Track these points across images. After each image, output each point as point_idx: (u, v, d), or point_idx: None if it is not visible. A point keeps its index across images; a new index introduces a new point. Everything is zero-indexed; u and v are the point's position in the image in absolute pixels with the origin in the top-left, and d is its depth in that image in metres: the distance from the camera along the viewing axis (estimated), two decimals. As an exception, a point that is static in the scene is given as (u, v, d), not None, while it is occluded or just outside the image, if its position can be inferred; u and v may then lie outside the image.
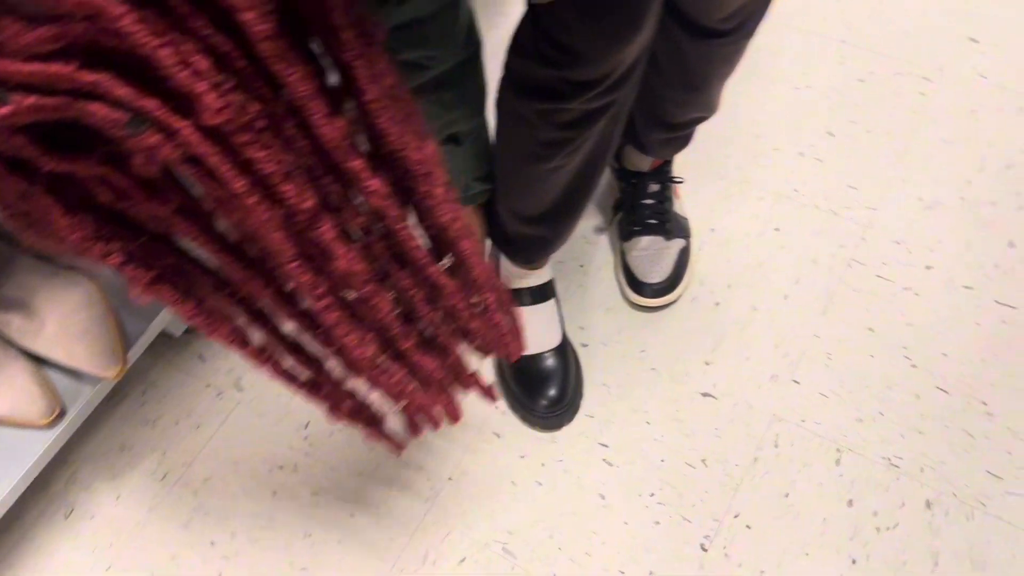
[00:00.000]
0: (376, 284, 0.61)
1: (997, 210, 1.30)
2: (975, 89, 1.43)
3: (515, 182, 1.02)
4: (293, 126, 0.48)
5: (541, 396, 1.19)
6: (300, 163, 0.50)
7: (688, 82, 1.07)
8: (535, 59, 0.85)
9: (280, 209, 0.50)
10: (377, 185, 0.54)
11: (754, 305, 1.27)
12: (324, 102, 0.46)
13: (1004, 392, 1.16)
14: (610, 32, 0.79)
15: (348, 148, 0.50)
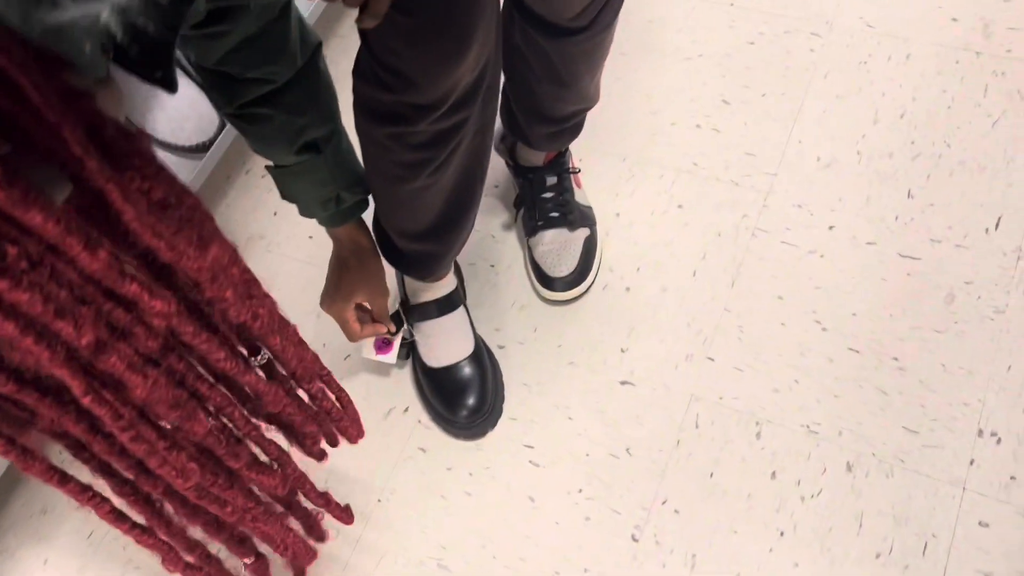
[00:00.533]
0: (187, 407, 0.59)
1: (893, 161, 1.31)
2: (863, 40, 1.43)
3: (389, 202, 1.00)
4: (60, 262, 0.46)
5: (460, 406, 1.18)
6: (76, 295, 0.48)
7: (557, 78, 1.05)
8: (374, 84, 0.83)
9: (60, 347, 0.48)
10: (160, 306, 0.52)
11: (664, 286, 1.27)
12: (79, 236, 0.44)
13: (913, 345, 1.17)
14: (438, 57, 0.78)
15: (118, 276, 0.48)
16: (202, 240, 0.55)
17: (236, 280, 0.60)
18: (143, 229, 0.48)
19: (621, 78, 1.46)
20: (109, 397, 0.54)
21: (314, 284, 1.36)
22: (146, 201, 0.48)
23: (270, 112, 0.85)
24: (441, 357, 1.19)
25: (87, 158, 0.42)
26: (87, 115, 0.43)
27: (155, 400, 0.56)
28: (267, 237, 1.42)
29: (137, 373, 0.53)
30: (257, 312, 0.63)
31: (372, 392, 1.26)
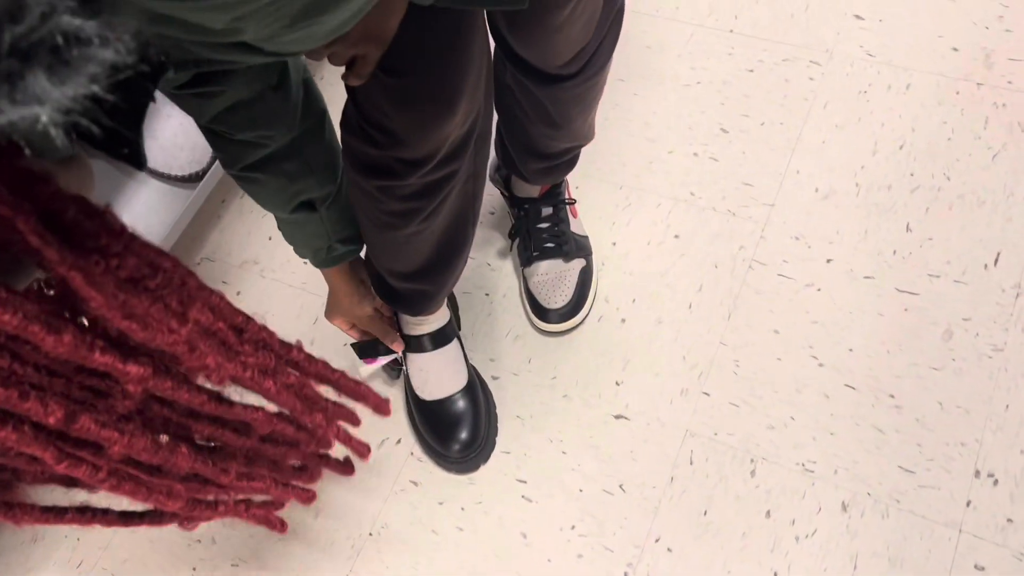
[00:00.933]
0: (168, 449, 0.58)
1: (892, 194, 1.30)
2: (863, 69, 1.42)
3: (379, 246, 0.99)
4: (22, 344, 0.45)
5: (453, 440, 1.17)
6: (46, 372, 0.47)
7: (549, 120, 1.04)
8: (361, 139, 0.82)
9: (27, 427, 0.47)
10: (135, 371, 0.51)
11: (659, 318, 1.26)
12: (40, 323, 0.43)
13: (910, 382, 1.16)
14: (426, 118, 0.77)
15: (87, 351, 0.47)
16: (182, 304, 0.54)
17: (223, 334, 0.59)
18: (112, 314, 0.47)
19: (619, 104, 1.45)
20: (85, 455, 0.54)
21: (308, 310, 1.36)
22: (115, 280, 0.48)
23: (265, 177, 0.84)
24: (434, 390, 1.18)
25: (45, 249, 0.42)
26: (44, 201, 0.42)
27: (134, 451, 0.55)
28: (261, 262, 1.41)
29: (112, 430, 0.52)
30: (247, 363, 0.62)
31: (365, 422, 1.24)
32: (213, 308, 0.60)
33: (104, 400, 0.52)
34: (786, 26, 1.49)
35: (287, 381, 0.71)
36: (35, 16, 0.31)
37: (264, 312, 1.36)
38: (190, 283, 0.58)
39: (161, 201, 1.27)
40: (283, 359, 0.69)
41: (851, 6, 1.49)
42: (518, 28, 0.89)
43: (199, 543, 1.20)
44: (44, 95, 0.32)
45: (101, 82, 0.33)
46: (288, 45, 0.49)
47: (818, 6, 1.50)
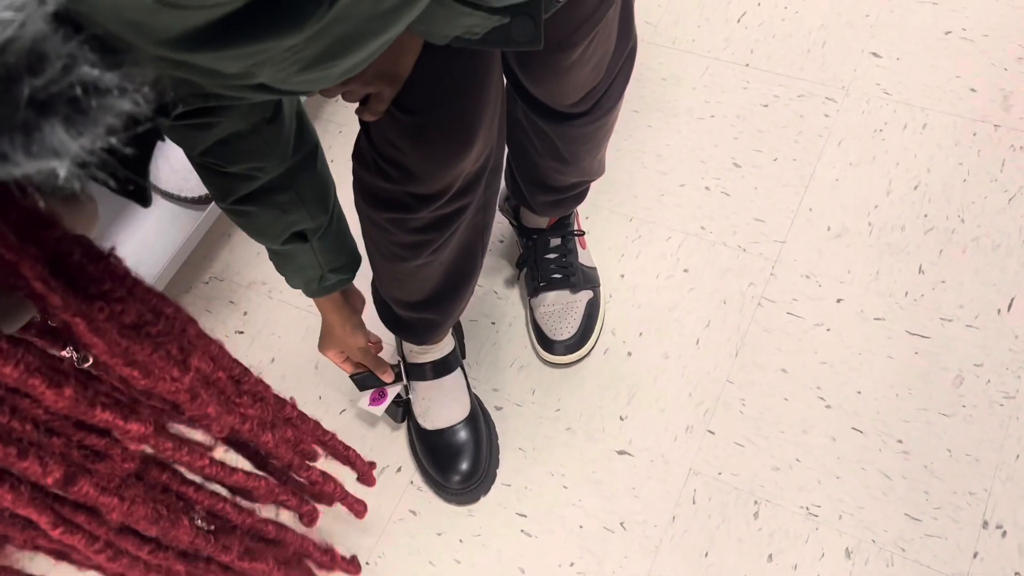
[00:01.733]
0: (169, 520, 0.57)
1: (905, 235, 1.28)
2: (879, 107, 1.41)
3: (386, 275, 0.99)
4: (21, 398, 0.44)
5: (453, 471, 1.16)
6: (42, 427, 0.46)
7: (558, 155, 1.04)
8: (374, 172, 0.82)
9: (24, 487, 0.47)
10: (136, 429, 0.50)
11: (666, 352, 1.24)
12: (41, 376, 0.43)
13: (919, 428, 1.14)
14: (441, 155, 0.77)
15: (87, 407, 0.47)
16: (182, 351, 0.54)
17: (223, 384, 0.58)
18: (114, 360, 0.47)
19: (631, 136, 1.44)
20: (82, 521, 0.53)
21: (314, 332, 1.35)
22: (117, 326, 0.47)
23: (256, 210, 0.83)
24: (436, 420, 1.18)
25: (49, 295, 0.41)
26: (50, 245, 0.42)
27: (134, 519, 0.54)
28: (269, 283, 1.41)
29: (112, 496, 0.51)
30: (246, 415, 0.62)
31: (366, 449, 1.24)
32: (213, 357, 0.59)
33: (103, 462, 0.51)
34: (802, 62, 1.48)
35: (285, 435, 0.70)
36: (56, 68, 0.30)
37: (271, 334, 1.36)
38: (190, 330, 0.57)
39: (172, 221, 1.27)
40: (279, 414, 0.68)
41: (868, 44, 1.48)
42: (529, 66, 0.89)
43: (195, 565, 1.19)
44: (61, 147, 0.31)
45: (118, 133, 0.33)
46: (301, 85, 0.49)
47: (835, 43, 1.49)
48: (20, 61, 0.29)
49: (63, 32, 0.30)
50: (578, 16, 0.79)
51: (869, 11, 1.52)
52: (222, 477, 0.61)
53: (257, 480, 0.67)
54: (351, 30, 0.44)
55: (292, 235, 0.88)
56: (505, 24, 0.62)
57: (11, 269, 0.40)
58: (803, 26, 1.52)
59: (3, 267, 0.39)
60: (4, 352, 0.41)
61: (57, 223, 0.42)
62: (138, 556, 0.58)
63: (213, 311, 1.39)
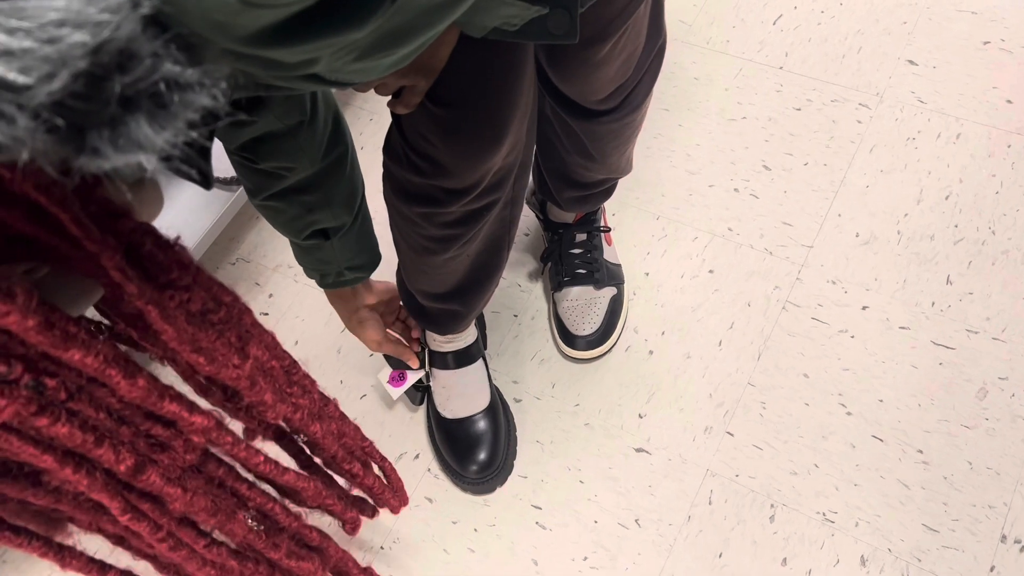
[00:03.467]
0: (225, 513, 0.58)
1: (935, 244, 1.27)
2: (913, 115, 1.40)
3: (413, 268, 0.99)
4: (98, 388, 0.45)
5: (471, 461, 1.16)
6: (114, 417, 0.48)
7: (586, 152, 1.04)
8: (405, 166, 0.82)
9: (99, 473, 0.48)
10: (200, 422, 0.51)
11: (688, 353, 1.24)
12: (118, 366, 0.44)
13: (940, 439, 1.13)
14: (473, 150, 0.77)
15: (157, 398, 0.48)
16: (241, 340, 0.55)
17: (277, 374, 0.59)
18: (183, 346, 0.48)
19: (661, 134, 1.44)
20: (147, 509, 0.54)
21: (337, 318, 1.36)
22: (185, 314, 0.48)
23: (283, 206, 0.84)
24: (456, 409, 1.18)
25: (126, 284, 0.42)
26: (125, 235, 0.43)
27: (194, 510, 0.56)
28: (295, 267, 1.42)
29: (176, 487, 0.53)
30: (297, 404, 0.63)
31: (385, 435, 1.25)
32: (268, 346, 0.61)
33: (167, 453, 0.52)
34: (837, 67, 1.47)
35: (331, 428, 0.71)
36: (144, 66, 0.31)
37: (294, 317, 1.37)
38: (247, 319, 0.58)
39: (203, 202, 1.28)
40: (324, 409, 0.69)
41: (905, 51, 1.47)
42: (557, 62, 0.89)
43: (212, 542, 1.20)
44: (145, 141, 0.32)
45: (199, 127, 0.33)
46: (351, 76, 0.50)
47: (871, 49, 1.48)
48: (112, 60, 0.30)
49: (151, 31, 0.31)
50: (610, 11, 0.80)
51: (907, 18, 1.51)
52: (275, 475, 0.63)
53: (307, 481, 0.68)
54: (406, 22, 0.45)
55: (314, 232, 0.89)
56: (542, 16, 0.62)
57: (91, 259, 0.41)
58: (839, 31, 1.51)
59: (84, 257, 0.40)
60: (86, 343, 0.42)
61: (130, 213, 0.43)
62: (195, 549, 0.60)
63: (238, 292, 1.41)
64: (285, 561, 0.68)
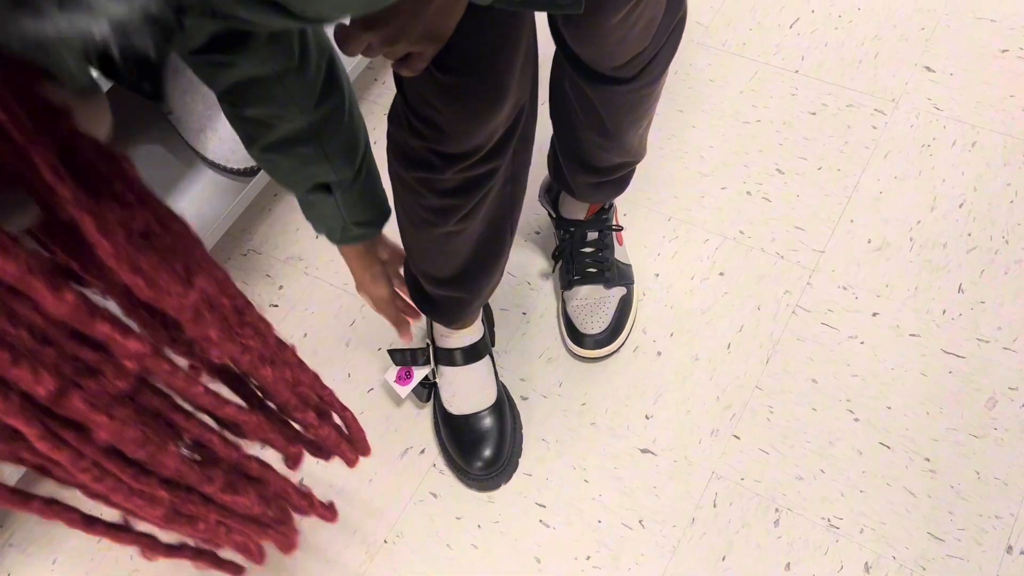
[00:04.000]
0: (156, 444, 0.55)
1: (947, 252, 1.27)
2: (929, 122, 1.39)
3: (416, 246, 0.99)
4: (19, 301, 0.43)
5: (476, 457, 1.16)
6: (37, 335, 0.44)
7: (601, 127, 1.04)
8: (406, 129, 0.83)
9: (14, 395, 0.45)
10: (134, 347, 0.48)
11: (696, 355, 1.24)
12: (43, 278, 0.41)
13: (947, 447, 1.13)
14: (472, 113, 0.78)
15: (87, 316, 0.44)
16: (188, 271, 0.51)
17: (226, 311, 0.56)
18: (120, 265, 0.44)
19: (675, 135, 1.44)
20: (69, 438, 0.51)
21: (347, 311, 1.37)
22: (125, 231, 0.45)
23: (279, 158, 0.83)
24: (462, 405, 1.18)
25: (59, 185, 0.39)
26: (62, 136, 0.40)
27: (122, 441, 0.52)
28: (306, 259, 1.43)
29: (102, 414, 0.49)
30: (247, 345, 0.59)
31: (391, 429, 1.25)
32: (219, 281, 0.57)
33: (95, 379, 0.49)
34: (853, 72, 1.46)
35: (284, 374, 0.68)
36: None
37: (304, 309, 1.38)
38: (197, 252, 0.54)
39: (216, 192, 1.29)
40: (279, 354, 0.66)
41: (922, 57, 1.46)
42: (574, 26, 0.89)
43: (217, 531, 1.21)
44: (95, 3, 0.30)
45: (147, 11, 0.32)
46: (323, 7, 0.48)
47: (888, 55, 1.48)
48: None
49: None
50: None
51: (925, 24, 1.50)
52: (214, 407, 0.59)
53: (248, 415, 0.64)
54: None
55: (315, 186, 0.87)
56: None
57: (22, 155, 0.38)
58: (856, 36, 1.51)
59: (12, 153, 0.37)
60: (5, 247, 0.38)
61: (70, 114, 0.40)
62: (122, 479, 0.57)
63: (249, 283, 1.41)
64: (219, 495, 0.65)
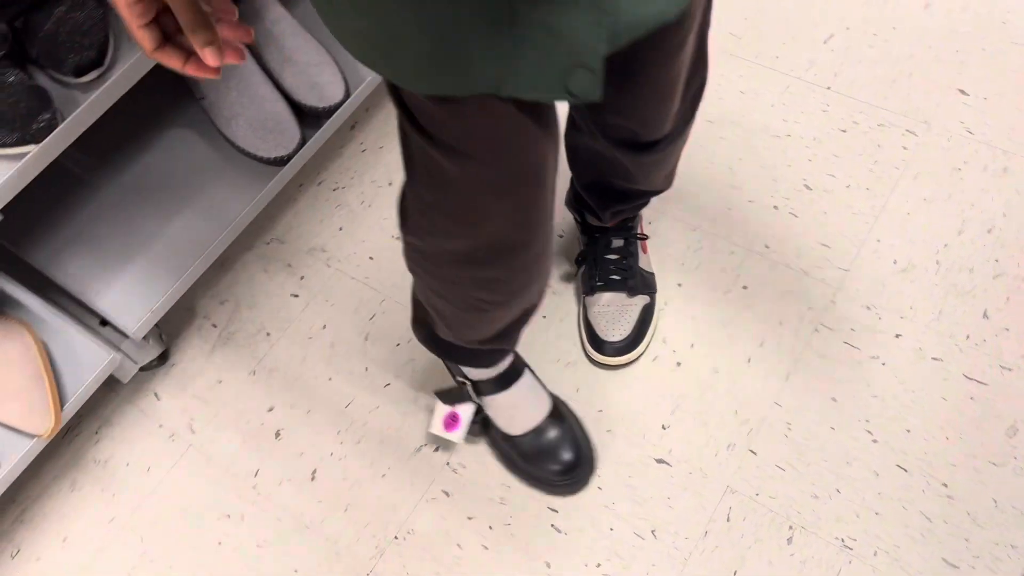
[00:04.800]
0: None
1: (973, 277, 1.26)
2: (960, 145, 1.38)
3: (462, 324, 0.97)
4: None
5: (556, 463, 1.15)
6: None
7: (629, 177, 1.04)
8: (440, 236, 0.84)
9: None
10: None
11: (716, 367, 1.24)
12: None
13: (965, 473, 1.12)
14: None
15: None
16: None
17: None
18: None
19: (705, 147, 1.43)
20: None
21: (367, 305, 1.37)
22: None
23: None
24: (524, 423, 1.16)
25: None
26: None
27: None
28: (329, 251, 1.43)
29: None
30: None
31: (406, 425, 1.25)
32: None
33: None
34: (886, 91, 1.46)
35: None
36: None
37: (324, 301, 1.38)
38: None
39: (244, 179, 1.29)
40: None
41: (956, 80, 1.45)
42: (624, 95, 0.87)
43: (228, 518, 1.21)
44: None
45: None
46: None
47: (922, 75, 1.47)
48: None
49: None
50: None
51: (960, 47, 1.49)
52: None
53: None
54: None
55: None
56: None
57: None
58: (891, 55, 1.50)
59: None
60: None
61: None
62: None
63: (269, 272, 1.41)
64: None
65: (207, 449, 1.27)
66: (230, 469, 1.25)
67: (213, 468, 1.25)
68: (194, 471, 1.25)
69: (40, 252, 1.24)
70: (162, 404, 1.32)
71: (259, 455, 1.25)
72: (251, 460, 1.25)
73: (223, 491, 1.23)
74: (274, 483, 1.23)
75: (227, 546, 1.19)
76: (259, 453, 1.26)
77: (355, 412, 1.27)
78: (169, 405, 1.31)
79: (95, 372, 1.12)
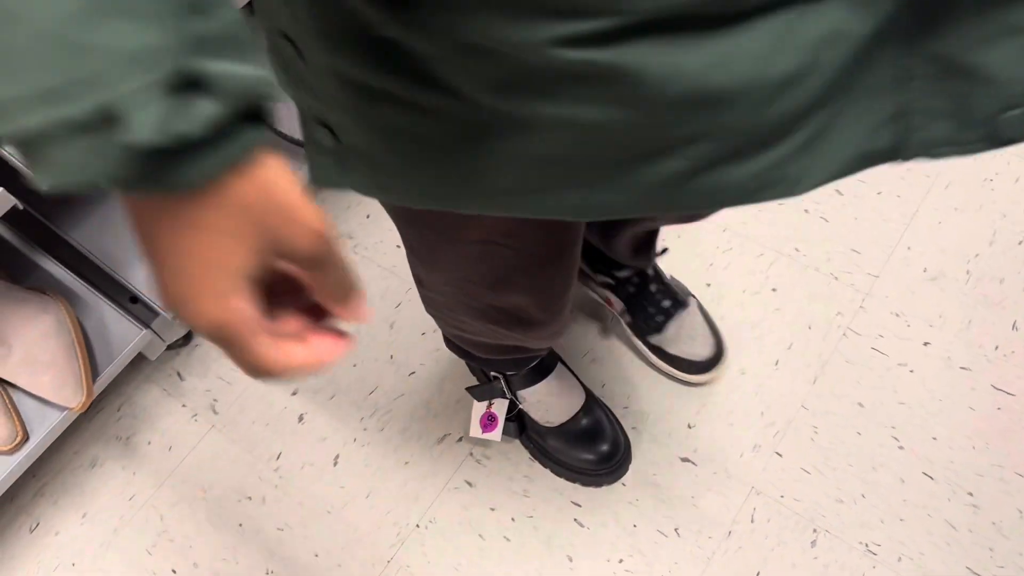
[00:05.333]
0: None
1: (1003, 288, 1.26)
2: (994, 157, 1.38)
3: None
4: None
5: (593, 453, 1.15)
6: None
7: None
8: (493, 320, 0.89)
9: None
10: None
11: (743, 368, 1.23)
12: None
13: (992, 483, 1.12)
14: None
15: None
16: None
17: None
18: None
19: (736, 147, 1.43)
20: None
21: (393, 293, 1.37)
22: None
23: None
24: (561, 413, 1.16)
25: None
26: None
27: None
28: (356, 238, 1.43)
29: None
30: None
31: (429, 414, 1.25)
32: None
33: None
34: (920, 99, 1.45)
35: None
36: None
37: (350, 287, 1.38)
38: None
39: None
40: None
41: (990, 90, 1.45)
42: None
43: (249, 500, 1.21)
44: None
45: None
46: None
47: (956, 84, 1.46)
48: None
49: None
50: None
51: (995, 58, 1.49)
52: None
53: None
54: None
55: None
56: None
57: None
58: (925, 63, 1.50)
59: None
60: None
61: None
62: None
63: (297, 257, 1.41)
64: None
65: (229, 430, 1.27)
66: (252, 451, 1.25)
67: (235, 449, 1.25)
68: (216, 452, 1.25)
69: (76, 228, 1.24)
70: (185, 384, 1.32)
71: (281, 438, 1.25)
72: (274, 443, 1.25)
73: (245, 473, 1.23)
74: (296, 467, 1.23)
75: (248, 528, 1.19)
76: (282, 436, 1.25)
77: (379, 399, 1.27)
78: (192, 385, 1.31)
79: (126, 348, 1.12)
